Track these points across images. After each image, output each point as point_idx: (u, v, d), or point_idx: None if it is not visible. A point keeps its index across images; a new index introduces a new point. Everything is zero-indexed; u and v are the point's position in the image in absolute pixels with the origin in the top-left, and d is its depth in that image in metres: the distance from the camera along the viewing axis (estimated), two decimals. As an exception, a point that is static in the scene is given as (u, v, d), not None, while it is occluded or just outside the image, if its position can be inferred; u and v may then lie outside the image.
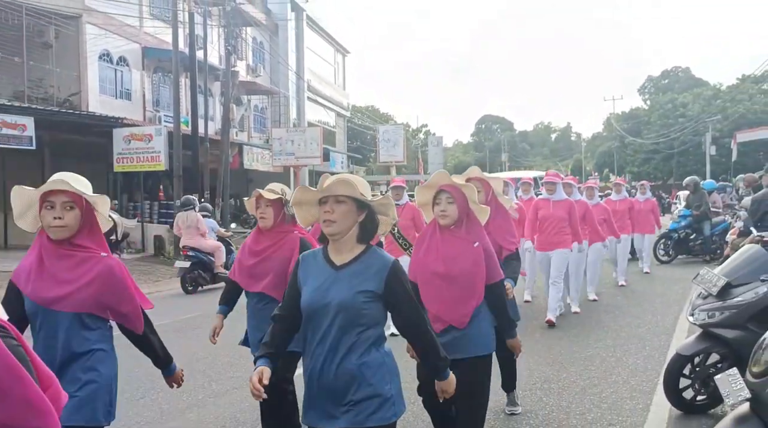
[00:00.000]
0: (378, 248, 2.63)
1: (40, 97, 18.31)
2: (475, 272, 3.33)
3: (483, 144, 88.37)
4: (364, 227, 2.55)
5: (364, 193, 2.53)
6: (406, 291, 2.53)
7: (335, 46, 40.50)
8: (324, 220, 2.49)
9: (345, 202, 2.48)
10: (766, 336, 2.90)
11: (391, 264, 2.52)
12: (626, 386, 5.20)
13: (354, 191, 2.48)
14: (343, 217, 2.48)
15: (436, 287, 3.35)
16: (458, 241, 3.36)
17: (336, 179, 2.51)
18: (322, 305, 2.47)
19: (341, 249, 2.54)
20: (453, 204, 3.32)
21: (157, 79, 23.65)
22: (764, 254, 4.37)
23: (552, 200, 7.55)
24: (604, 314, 8.21)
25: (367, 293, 2.45)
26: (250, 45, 29.07)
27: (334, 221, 2.46)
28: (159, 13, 22.89)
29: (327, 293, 2.47)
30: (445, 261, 3.34)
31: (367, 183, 2.64)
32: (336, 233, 2.50)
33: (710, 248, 13.16)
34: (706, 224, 13.12)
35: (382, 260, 2.54)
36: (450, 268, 3.32)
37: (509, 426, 4.38)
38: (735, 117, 43.54)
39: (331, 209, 2.48)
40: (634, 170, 51.57)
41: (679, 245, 13.41)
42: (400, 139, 32.76)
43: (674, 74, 65.45)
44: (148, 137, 17.57)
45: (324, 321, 2.47)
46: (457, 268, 3.32)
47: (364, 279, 2.48)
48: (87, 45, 19.44)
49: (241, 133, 27.79)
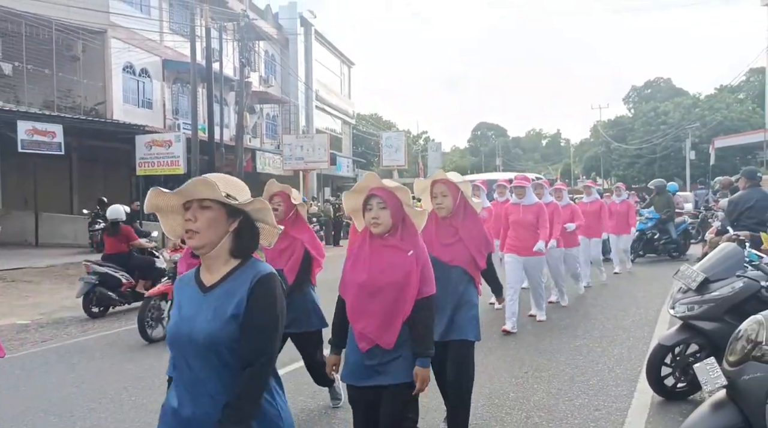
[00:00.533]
0: (258, 259, 2.01)
1: (68, 106, 18.37)
2: (405, 285, 2.78)
3: (479, 149, 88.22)
4: (239, 237, 1.94)
5: (232, 195, 1.92)
6: (265, 313, 1.87)
7: (341, 58, 40.53)
8: (186, 230, 1.90)
9: (211, 208, 1.88)
10: (741, 327, 2.90)
11: (258, 277, 1.89)
12: (611, 374, 5.19)
13: (215, 192, 1.86)
14: (208, 226, 1.88)
15: (360, 301, 2.83)
16: (390, 250, 2.84)
17: (195, 179, 1.88)
18: (185, 338, 1.88)
19: (211, 266, 1.94)
20: (385, 209, 2.81)
21: (176, 90, 23.70)
22: (740, 251, 4.36)
23: (522, 205, 6.84)
24: (591, 307, 8.20)
25: (236, 319, 1.86)
26: (262, 57, 29.09)
27: (197, 231, 1.87)
28: (178, 28, 22.94)
29: (191, 323, 1.88)
30: (372, 272, 2.81)
31: (240, 183, 2.01)
32: (201, 246, 1.89)
33: (678, 246, 13.17)
34: (671, 225, 13.04)
35: (252, 272, 1.91)
36: (376, 279, 2.80)
37: (502, 411, 4.38)
38: (713, 124, 43.47)
39: (193, 217, 1.88)
40: (620, 174, 51.46)
41: (647, 245, 13.17)
42: (402, 144, 32.82)
43: (656, 84, 65.32)
44: (168, 143, 17.62)
45: (188, 358, 1.89)
46: (384, 279, 2.79)
47: (231, 302, 1.87)
48: (112, 58, 19.50)
49: (254, 139, 27.82)
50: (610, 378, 5.07)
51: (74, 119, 16.39)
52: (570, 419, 4.20)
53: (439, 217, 3.69)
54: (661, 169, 46.99)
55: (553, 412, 4.33)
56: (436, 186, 3.66)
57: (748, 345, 2.76)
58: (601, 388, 4.82)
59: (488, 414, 4.32)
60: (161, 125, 21.37)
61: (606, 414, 4.26)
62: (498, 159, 76.81)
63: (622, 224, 11.10)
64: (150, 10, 21.77)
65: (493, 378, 5.15)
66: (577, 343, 6.27)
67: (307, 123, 32.86)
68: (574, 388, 4.84)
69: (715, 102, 47.80)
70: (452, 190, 3.64)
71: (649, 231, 13.06)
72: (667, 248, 13.18)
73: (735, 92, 50.34)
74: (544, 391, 4.78)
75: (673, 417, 4.16)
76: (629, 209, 11.32)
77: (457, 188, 3.66)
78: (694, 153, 40.86)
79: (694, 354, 4.39)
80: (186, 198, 1.91)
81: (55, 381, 5.50)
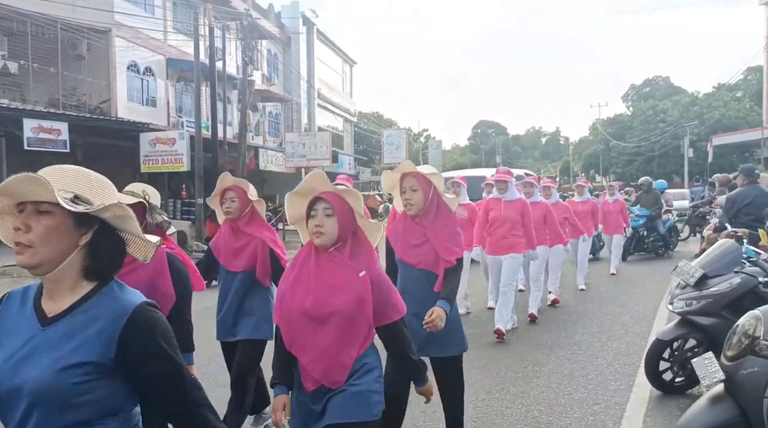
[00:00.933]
0: (122, 283, 1.48)
1: (73, 104, 18.37)
2: (356, 312, 2.25)
3: (479, 147, 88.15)
4: (94, 253, 1.41)
5: (84, 196, 1.41)
6: (162, 357, 1.40)
7: (343, 57, 40.47)
8: (15, 243, 1.37)
9: (51, 213, 1.36)
10: (739, 322, 2.90)
11: (132, 311, 1.38)
12: (610, 369, 5.20)
13: (48, 193, 1.32)
14: (45, 239, 1.36)
15: (302, 331, 2.27)
16: (338, 268, 2.28)
17: (21, 175, 1.32)
18: (10, 388, 1.33)
19: (53, 292, 1.41)
20: (332, 217, 2.26)
21: (180, 88, 23.68)
22: (737, 248, 4.37)
23: (504, 200, 6.28)
24: (590, 303, 8.20)
25: (84, 368, 1.33)
26: (265, 56, 29.05)
27: (29, 245, 1.35)
28: (182, 27, 22.91)
29: (20, 367, 1.34)
30: (317, 295, 2.25)
31: (101, 180, 1.49)
32: (36, 264, 1.36)
33: (666, 244, 13.03)
34: (659, 222, 12.89)
35: (116, 305, 1.39)
36: (321, 304, 2.24)
37: (503, 405, 4.39)
38: (711, 122, 43.39)
39: (23, 226, 1.36)
40: (618, 171, 51.45)
41: (638, 243, 12.92)
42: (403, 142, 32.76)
43: (655, 83, 65.17)
44: (171, 140, 17.62)
45: (15, 414, 1.34)
46: (331, 305, 2.23)
47: (80, 343, 1.35)
48: (116, 57, 19.48)
49: (256, 137, 27.81)
50: (609, 373, 5.08)
51: (79, 117, 16.37)
52: (569, 413, 4.20)
53: (408, 215, 3.29)
54: (659, 166, 46.94)
55: (552, 406, 4.34)
56: (405, 180, 3.25)
57: (746, 340, 2.77)
58: (600, 383, 4.83)
59: (488, 408, 4.33)
60: (165, 123, 21.37)
61: (605, 408, 4.27)
62: (498, 157, 76.77)
63: (616, 223, 10.83)
64: (154, 9, 21.74)
65: (493, 372, 5.16)
66: (576, 338, 6.27)
67: (309, 121, 32.84)
68: (574, 382, 4.84)
69: (713, 100, 47.69)
70: (423, 184, 3.22)
71: (641, 228, 12.87)
72: (655, 246, 13.02)
73: (733, 90, 50.23)
74: (544, 385, 4.79)
75: (671, 411, 4.16)
76: (623, 208, 11.04)
77: (429, 182, 3.23)
78: (693, 151, 40.79)
79: (692, 349, 4.40)
80: (14, 199, 1.39)
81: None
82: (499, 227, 6.28)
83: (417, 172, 3.22)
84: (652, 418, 4.09)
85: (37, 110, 15.49)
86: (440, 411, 4.22)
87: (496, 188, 6.41)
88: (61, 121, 15.17)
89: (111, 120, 17.73)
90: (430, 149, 43.20)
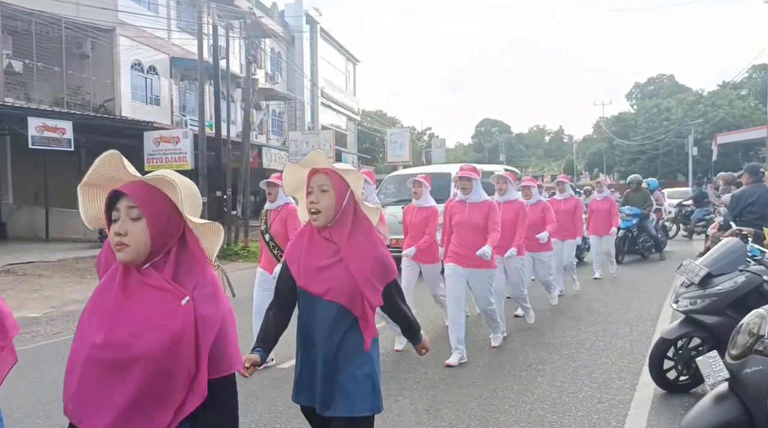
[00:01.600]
0: None
1: (77, 103, 18.42)
2: (172, 353, 1.50)
3: (482, 145, 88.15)
4: None
5: None
6: None
7: (346, 55, 40.47)
8: None
9: None
10: (743, 321, 2.90)
11: None
12: (614, 367, 5.19)
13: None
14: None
15: (93, 377, 1.51)
16: (152, 294, 1.55)
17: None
18: None
19: None
20: (139, 220, 1.56)
21: (184, 87, 23.73)
22: (742, 246, 4.35)
23: (468, 202, 5.31)
24: (594, 302, 8.19)
25: None
26: (268, 55, 29.07)
27: None
28: (185, 26, 22.95)
29: None
30: (114, 329, 1.51)
31: None
32: None
33: (657, 244, 12.45)
34: (648, 222, 12.29)
35: None
36: (118, 341, 1.51)
37: (506, 403, 4.38)
38: (716, 120, 43.28)
39: None
40: (622, 170, 51.35)
41: (631, 244, 12.21)
42: (406, 141, 32.70)
43: (659, 81, 65.07)
44: (175, 139, 17.67)
45: None
46: (134, 344, 1.49)
47: None
48: (120, 55, 19.53)
49: (260, 135, 27.85)
50: (613, 371, 5.07)
51: (83, 115, 16.42)
52: (573, 411, 4.20)
53: (314, 226, 2.44)
54: (663, 165, 46.87)
55: (556, 405, 4.33)
56: (314, 178, 2.43)
57: (751, 339, 2.76)
58: (604, 381, 4.82)
59: (492, 406, 4.33)
60: (169, 122, 21.41)
61: (609, 407, 4.27)
62: (501, 155, 76.76)
63: (604, 223, 9.76)
64: (158, 8, 21.78)
65: (497, 370, 5.16)
66: (581, 337, 6.26)
67: (312, 120, 32.85)
68: (578, 381, 4.84)
69: (718, 98, 47.57)
70: (337, 185, 2.41)
71: (634, 228, 12.11)
72: (645, 247, 12.40)
73: (737, 89, 50.09)
74: (548, 384, 4.79)
75: (675, 410, 4.16)
76: (612, 207, 9.83)
77: (345, 182, 2.44)
78: (697, 149, 40.68)
79: (697, 348, 4.38)
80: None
81: (66, 373, 5.53)
82: (464, 233, 5.32)
83: (331, 168, 2.42)
84: (656, 417, 4.08)
85: (42, 109, 15.53)
86: (444, 409, 4.24)
87: (459, 188, 5.39)
88: (66, 119, 15.21)
89: (115, 119, 17.78)
90: (434, 148, 43.24)
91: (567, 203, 8.59)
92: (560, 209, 8.37)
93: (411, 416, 4.18)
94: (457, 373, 5.11)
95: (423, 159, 49.07)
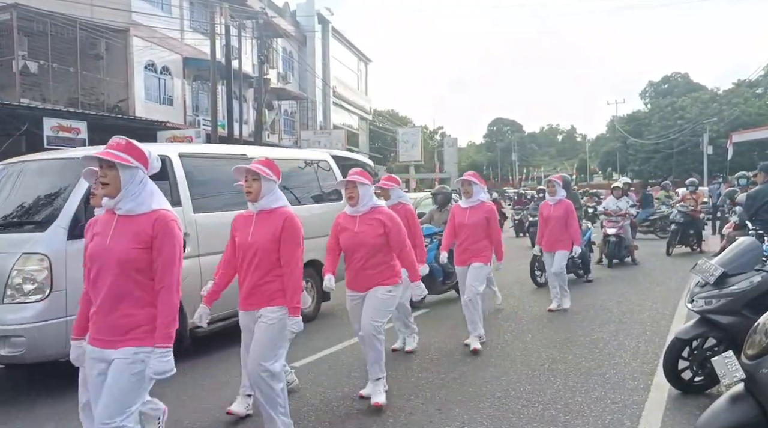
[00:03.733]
0: None
1: (92, 103, 18.59)
2: None
3: (494, 145, 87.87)
4: None
5: None
6: None
7: (358, 55, 40.54)
8: None
9: None
10: (759, 321, 2.87)
11: None
12: (628, 367, 5.16)
13: None
14: None
15: None
16: None
17: None
18: None
19: None
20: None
21: (197, 87, 23.88)
22: (758, 246, 4.31)
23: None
24: (608, 301, 8.14)
25: None
26: (280, 55, 29.19)
27: None
28: (198, 26, 23.10)
29: None
30: None
31: None
32: None
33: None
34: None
35: None
36: None
37: (519, 403, 4.37)
38: (731, 119, 42.87)
39: None
40: (636, 169, 51.00)
41: None
42: (418, 140, 32.79)
43: (674, 79, 64.48)
44: (188, 139, 17.74)
45: None
46: None
47: None
48: (134, 56, 19.70)
49: (272, 135, 27.94)
50: (627, 372, 5.04)
51: (98, 115, 16.57)
52: (586, 412, 4.18)
53: None
54: (677, 164, 46.51)
55: (569, 405, 4.31)
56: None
57: (767, 339, 2.73)
58: (617, 381, 4.79)
59: (505, 406, 4.32)
60: (182, 122, 21.56)
61: (623, 408, 4.24)
62: (513, 154, 76.49)
63: (559, 235, 7.42)
64: (171, 9, 21.94)
65: (510, 370, 5.14)
66: (594, 336, 6.23)
67: (324, 119, 32.95)
68: (591, 381, 4.81)
69: (734, 97, 47.11)
70: None
71: None
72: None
73: (753, 87, 49.56)
74: (561, 384, 4.77)
75: (690, 411, 4.12)
76: (568, 214, 7.42)
77: None
78: (712, 148, 40.26)
79: (712, 348, 4.34)
80: None
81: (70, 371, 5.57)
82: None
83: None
84: (671, 418, 4.05)
85: (57, 109, 15.69)
86: (456, 409, 4.24)
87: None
88: (80, 120, 15.36)
89: (129, 119, 17.93)
90: (446, 147, 43.25)
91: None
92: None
93: (423, 415, 4.18)
94: (470, 373, 5.10)
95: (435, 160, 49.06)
